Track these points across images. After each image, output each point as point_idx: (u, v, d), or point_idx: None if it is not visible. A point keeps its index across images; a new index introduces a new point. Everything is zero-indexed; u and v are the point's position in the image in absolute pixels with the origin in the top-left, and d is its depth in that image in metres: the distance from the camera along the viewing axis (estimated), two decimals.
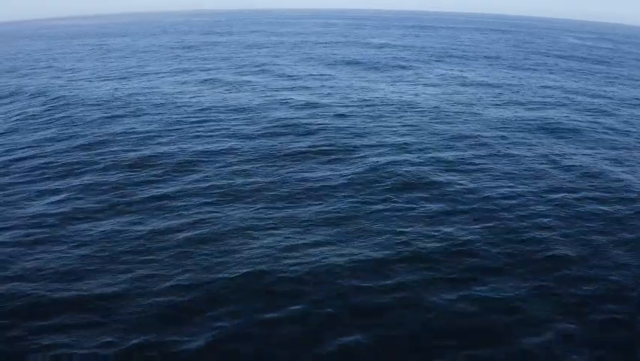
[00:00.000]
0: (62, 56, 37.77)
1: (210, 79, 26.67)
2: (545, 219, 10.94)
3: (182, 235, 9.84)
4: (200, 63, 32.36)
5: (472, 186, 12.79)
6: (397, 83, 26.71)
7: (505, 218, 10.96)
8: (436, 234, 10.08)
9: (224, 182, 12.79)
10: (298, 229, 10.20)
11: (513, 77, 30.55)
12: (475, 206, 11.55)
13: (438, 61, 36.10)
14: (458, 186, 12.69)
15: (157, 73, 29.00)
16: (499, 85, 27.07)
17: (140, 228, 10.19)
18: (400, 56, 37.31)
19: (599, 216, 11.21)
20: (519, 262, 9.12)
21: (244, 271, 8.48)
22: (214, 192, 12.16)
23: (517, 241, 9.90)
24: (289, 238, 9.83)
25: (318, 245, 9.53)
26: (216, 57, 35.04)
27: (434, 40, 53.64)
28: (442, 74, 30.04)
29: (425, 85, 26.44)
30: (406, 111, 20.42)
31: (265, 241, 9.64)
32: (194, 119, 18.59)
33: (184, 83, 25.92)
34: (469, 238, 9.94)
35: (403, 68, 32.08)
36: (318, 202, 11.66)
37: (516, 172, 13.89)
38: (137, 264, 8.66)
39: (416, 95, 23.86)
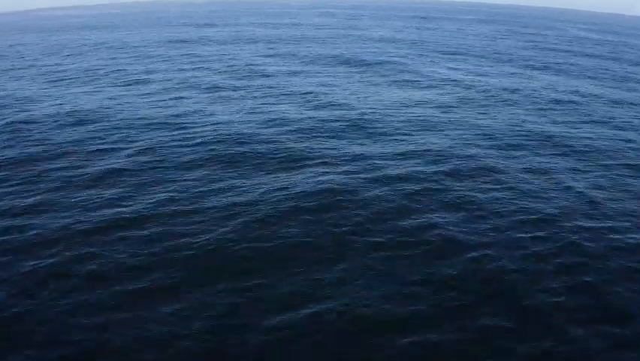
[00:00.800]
0: (49, 52, 35.98)
1: (196, 81, 24.61)
2: (593, 266, 9.24)
3: (128, 287, 8.45)
4: (189, 61, 30.44)
5: (490, 221, 10.91)
6: (396, 86, 24.89)
7: (538, 271, 9.10)
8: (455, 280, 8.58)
9: (192, 206, 11.29)
10: (273, 278, 8.71)
11: (522, 75, 28.70)
12: (488, 253, 9.60)
13: (440, 58, 34.13)
14: (468, 227, 10.62)
15: (141, 72, 27.17)
16: (506, 87, 25.18)
17: (83, 269, 8.87)
18: (400, 53, 35.37)
19: None
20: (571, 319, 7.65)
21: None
22: (178, 220, 10.65)
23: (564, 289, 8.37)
24: (256, 292, 8.36)
25: (303, 301, 8.06)
26: (207, 54, 33.19)
27: (437, 34, 51.64)
28: (444, 74, 28.18)
29: (426, 87, 24.64)
30: (405, 119, 18.72)
31: (230, 299, 8.16)
32: (171, 127, 16.91)
33: (166, 84, 23.94)
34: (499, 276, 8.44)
35: (403, 65, 30.21)
36: (297, 232, 10.19)
37: (538, 205, 11.64)
38: (65, 334, 7.14)
39: (417, 100, 22.07)
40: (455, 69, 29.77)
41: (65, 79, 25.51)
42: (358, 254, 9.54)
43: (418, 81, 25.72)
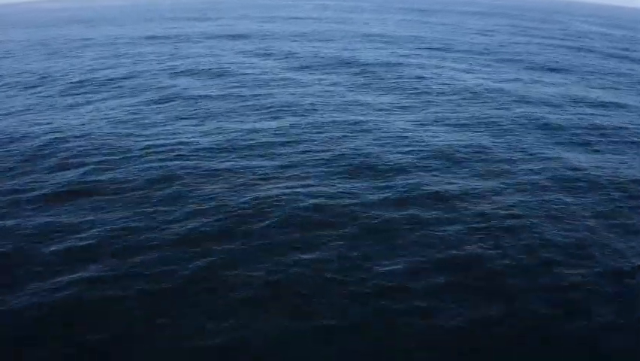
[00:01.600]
0: (33, 50, 34.22)
1: (178, 84, 22.60)
2: None
3: (68, 350, 7.16)
4: (173, 62, 28.45)
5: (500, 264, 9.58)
6: (393, 89, 23.00)
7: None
8: None
9: (152, 241, 9.79)
10: (240, 333, 7.38)
11: (529, 79, 26.65)
12: None
13: (441, 57, 32.07)
14: (472, 274, 9.27)
15: (121, 74, 25.21)
16: (510, 91, 23.13)
17: (20, 318, 7.69)
18: (400, 51, 33.41)
19: None
20: None
21: None
22: (135, 258, 9.21)
23: None
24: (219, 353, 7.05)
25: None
26: (194, 53, 31.29)
27: (438, 30, 49.70)
28: (446, 75, 26.32)
29: (426, 90, 22.78)
30: (403, 128, 17.03)
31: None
32: (139, 139, 15.26)
33: (143, 87, 22.11)
34: None
35: (403, 65, 28.30)
36: (270, 274, 8.84)
37: (560, 239, 10.11)
38: None
39: (418, 105, 20.30)
40: (456, 69, 28.00)
41: (42, 82, 23.76)
42: (343, 306, 8.12)
43: (417, 85, 23.81)
